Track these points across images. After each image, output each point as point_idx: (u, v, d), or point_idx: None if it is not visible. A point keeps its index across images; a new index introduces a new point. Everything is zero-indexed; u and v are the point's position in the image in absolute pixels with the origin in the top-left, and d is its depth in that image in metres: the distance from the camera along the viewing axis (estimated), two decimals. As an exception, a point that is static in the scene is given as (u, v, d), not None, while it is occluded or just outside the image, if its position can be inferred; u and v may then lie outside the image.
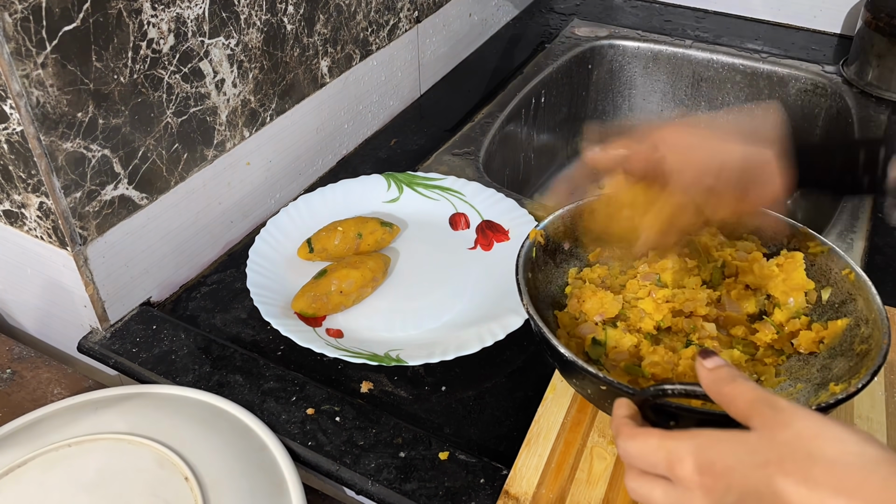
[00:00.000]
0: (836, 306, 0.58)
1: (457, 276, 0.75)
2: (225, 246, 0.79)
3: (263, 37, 0.74)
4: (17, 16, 0.52)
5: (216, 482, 0.54)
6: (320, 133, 0.87)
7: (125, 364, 0.66)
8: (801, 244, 0.62)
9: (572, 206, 0.63)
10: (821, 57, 1.12)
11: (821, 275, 0.60)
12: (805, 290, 0.60)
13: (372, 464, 0.57)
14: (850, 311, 0.57)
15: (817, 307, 0.60)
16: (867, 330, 0.54)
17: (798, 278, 0.60)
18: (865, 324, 0.55)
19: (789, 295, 0.60)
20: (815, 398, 0.53)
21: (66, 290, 0.66)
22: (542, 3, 1.31)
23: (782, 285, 0.60)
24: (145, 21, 0.61)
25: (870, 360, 0.51)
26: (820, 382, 0.55)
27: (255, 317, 0.69)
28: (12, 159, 0.59)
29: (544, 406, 0.58)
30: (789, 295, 0.60)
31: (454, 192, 0.83)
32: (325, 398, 0.62)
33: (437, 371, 0.65)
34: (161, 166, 0.68)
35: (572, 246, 0.63)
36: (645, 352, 0.56)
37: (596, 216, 0.61)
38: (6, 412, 0.63)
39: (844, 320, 0.57)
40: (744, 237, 0.64)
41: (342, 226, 0.75)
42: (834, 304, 0.58)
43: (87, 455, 0.55)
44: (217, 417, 0.59)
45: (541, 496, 0.52)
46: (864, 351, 0.53)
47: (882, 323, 0.53)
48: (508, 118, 1.02)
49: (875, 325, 0.54)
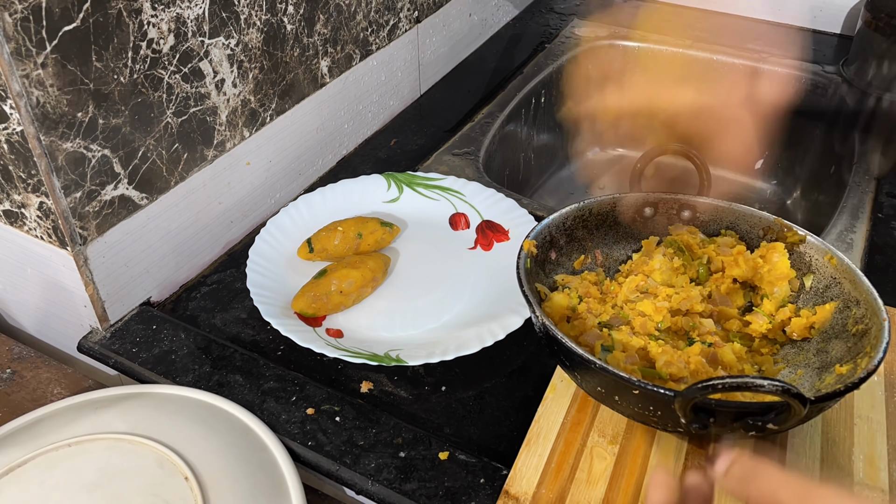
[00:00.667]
0: (821, 291, 0.60)
1: (457, 276, 0.75)
2: (225, 246, 0.79)
3: (263, 37, 0.74)
4: (17, 16, 0.52)
5: (216, 482, 0.54)
6: (320, 133, 0.88)
7: (125, 364, 0.66)
8: (778, 235, 0.63)
9: (556, 216, 0.63)
10: (821, 57, 1.12)
11: (801, 263, 0.61)
12: (788, 279, 0.61)
13: (372, 464, 0.57)
14: (835, 295, 0.58)
15: (801, 294, 0.61)
16: (860, 310, 0.56)
17: (782, 267, 0.61)
18: (857, 305, 0.56)
19: (774, 285, 0.61)
20: (821, 381, 0.54)
21: (66, 290, 0.66)
22: (542, 3, 1.31)
23: (767, 276, 0.62)
24: (145, 21, 0.61)
25: (871, 337, 0.53)
26: (820, 366, 0.56)
27: (255, 317, 0.69)
28: (12, 159, 0.59)
29: (544, 406, 0.58)
30: (774, 285, 0.61)
31: (454, 192, 0.83)
32: (325, 398, 0.62)
33: (437, 371, 0.65)
34: (161, 166, 0.68)
35: (558, 255, 0.64)
36: (654, 353, 0.56)
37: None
38: (6, 412, 0.63)
39: (832, 303, 0.58)
40: (721, 233, 0.65)
41: (342, 226, 0.75)
42: (818, 290, 0.60)
43: (87, 455, 0.55)
44: (217, 417, 0.59)
45: (541, 496, 0.52)
46: (862, 331, 0.54)
47: (875, 301, 0.54)
48: (508, 118, 1.02)
49: (868, 305, 0.55)
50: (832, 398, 0.47)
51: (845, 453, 0.54)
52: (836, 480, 0.53)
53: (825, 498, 0.38)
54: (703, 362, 0.55)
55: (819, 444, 0.55)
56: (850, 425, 0.56)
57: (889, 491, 0.52)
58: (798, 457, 0.54)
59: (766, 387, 0.44)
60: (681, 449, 0.55)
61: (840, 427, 0.56)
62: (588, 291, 0.62)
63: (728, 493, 0.40)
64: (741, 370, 0.57)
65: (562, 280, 0.63)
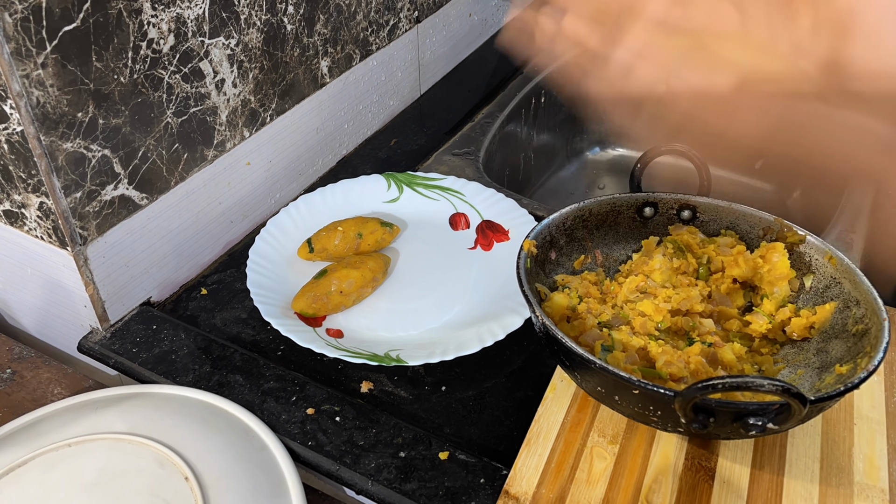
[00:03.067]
0: (821, 291, 0.60)
1: (457, 276, 0.75)
2: (225, 246, 0.79)
3: (263, 37, 0.74)
4: (17, 16, 0.52)
5: (216, 482, 0.54)
6: (320, 133, 0.88)
7: (125, 364, 0.66)
8: (778, 235, 0.63)
9: (556, 216, 0.63)
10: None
11: (801, 263, 0.62)
12: (788, 279, 0.61)
13: (372, 464, 0.57)
14: (835, 295, 0.58)
15: (801, 294, 0.61)
16: (859, 311, 0.56)
17: (782, 267, 0.61)
18: (857, 305, 0.56)
19: (774, 285, 0.61)
20: (821, 381, 0.54)
21: (66, 290, 0.66)
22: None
23: (767, 276, 0.62)
24: (145, 21, 0.61)
25: (871, 337, 0.53)
26: (820, 366, 0.56)
27: (255, 317, 0.69)
28: (12, 159, 0.59)
29: (544, 406, 0.58)
30: (774, 285, 0.61)
31: (454, 192, 0.83)
32: (325, 398, 0.62)
33: (437, 371, 0.65)
34: (161, 166, 0.68)
35: (558, 255, 0.64)
36: (654, 353, 0.56)
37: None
38: (6, 412, 0.63)
39: (832, 304, 0.58)
40: (721, 233, 0.65)
41: (342, 226, 0.75)
42: (818, 290, 0.60)
43: (87, 455, 0.55)
44: (217, 417, 0.60)
45: (541, 496, 0.52)
46: (862, 331, 0.54)
47: (875, 301, 0.54)
48: (508, 118, 1.02)
49: (868, 305, 0.55)
50: (832, 398, 0.47)
51: (845, 453, 0.54)
52: (835, 480, 0.53)
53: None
54: (703, 362, 0.55)
55: (819, 444, 0.55)
56: (850, 425, 0.56)
57: (889, 491, 0.52)
58: (798, 457, 0.54)
59: (767, 387, 0.44)
60: (681, 449, 0.55)
61: (840, 427, 0.56)
62: (588, 291, 0.62)
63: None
64: (741, 370, 0.57)
65: (562, 280, 0.63)
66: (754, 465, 0.54)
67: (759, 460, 0.54)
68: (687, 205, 0.65)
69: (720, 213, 0.65)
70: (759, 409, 0.46)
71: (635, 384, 0.48)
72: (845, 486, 0.52)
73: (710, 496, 0.52)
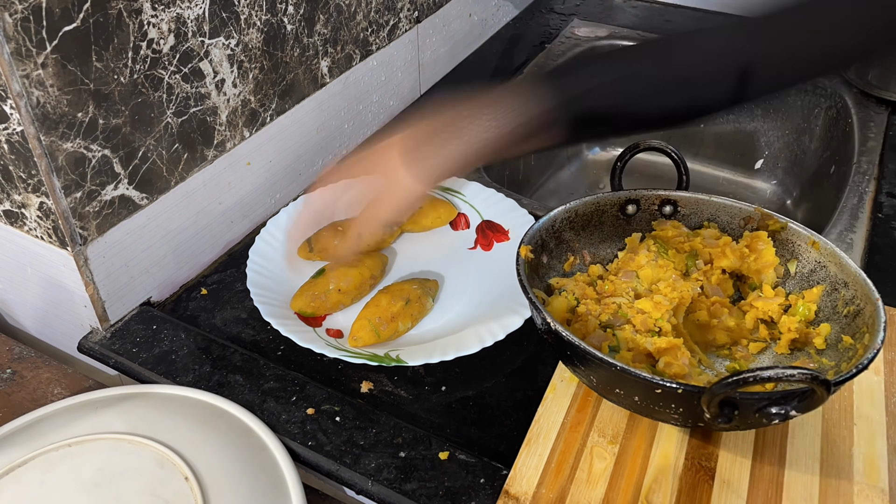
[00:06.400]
0: (806, 276, 0.61)
1: (457, 276, 0.75)
2: (225, 246, 0.79)
3: (263, 37, 0.74)
4: (18, 16, 0.52)
5: (216, 482, 0.54)
6: (320, 133, 0.88)
7: (125, 364, 0.66)
8: (759, 224, 0.64)
9: (546, 220, 0.63)
10: (821, 57, 1.12)
11: (784, 250, 0.63)
12: (773, 266, 0.63)
13: (372, 464, 0.57)
14: (821, 279, 0.60)
15: (787, 280, 0.62)
16: (849, 292, 0.57)
17: (768, 255, 0.62)
18: (845, 287, 0.57)
19: (762, 273, 0.63)
20: (818, 363, 0.56)
21: (67, 290, 0.66)
22: (542, 3, 1.31)
23: (754, 264, 0.63)
24: (145, 21, 0.61)
25: (865, 317, 0.54)
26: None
27: (255, 317, 0.69)
28: (12, 159, 0.59)
29: (544, 406, 0.58)
30: (762, 273, 0.63)
31: (454, 192, 0.83)
32: (325, 398, 0.62)
33: (437, 371, 0.65)
34: (161, 166, 0.68)
35: (549, 258, 0.64)
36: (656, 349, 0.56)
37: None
38: (6, 412, 0.63)
39: (819, 287, 0.60)
40: (704, 225, 0.66)
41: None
42: (803, 274, 0.61)
43: (87, 455, 0.55)
44: (217, 417, 0.60)
45: (541, 496, 0.52)
46: (854, 311, 0.56)
47: (865, 282, 0.55)
48: (508, 118, 1.02)
49: (857, 285, 0.56)
50: (848, 379, 0.48)
51: (845, 453, 0.54)
52: (835, 480, 0.53)
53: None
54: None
55: (819, 444, 0.55)
56: (850, 425, 0.56)
57: (889, 491, 0.52)
58: (798, 457, 0.54)
59: (797, 376, 0.44)
60: (681, 449, 0.55)
61: (840, 427, 0.56)
62: (584, 293, 0.62)
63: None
64: (736, 347, 0.60)
65: (556, 283, 0.63)
66: (754, 466, 0.54)
67: (759, 460, 0.54)
68: (668, 200, 0.66)
69: (701, 206, 0.66)
70: (782, 398, 0.47)
71: (658, 384, 0.48)
72: (845, 486, 0.52)
73: (710, 496, 0.52)
